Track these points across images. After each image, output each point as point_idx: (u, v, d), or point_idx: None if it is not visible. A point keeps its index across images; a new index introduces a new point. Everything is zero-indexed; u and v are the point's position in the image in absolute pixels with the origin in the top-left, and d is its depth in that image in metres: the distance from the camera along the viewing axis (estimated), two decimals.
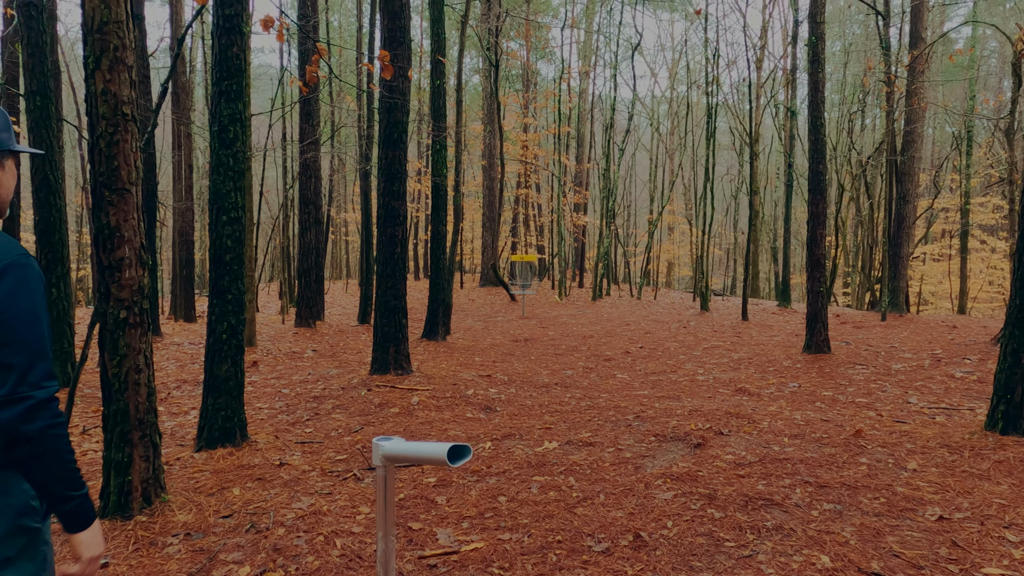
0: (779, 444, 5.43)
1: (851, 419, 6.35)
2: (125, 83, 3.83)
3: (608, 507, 4.27)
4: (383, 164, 7.97)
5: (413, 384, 7.90)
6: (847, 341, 11.79)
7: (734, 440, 5.57)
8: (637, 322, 16.66)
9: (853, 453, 5.16)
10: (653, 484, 4.61)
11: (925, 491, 4.37)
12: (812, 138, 10.16)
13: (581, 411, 6.83)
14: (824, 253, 10.17)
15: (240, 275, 5.43)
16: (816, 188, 10.13)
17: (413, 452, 2.07)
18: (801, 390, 7.93)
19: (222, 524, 4.19)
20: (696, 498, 4.34)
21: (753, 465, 4.91)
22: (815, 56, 10.01)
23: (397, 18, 7.78)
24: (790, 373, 9.07)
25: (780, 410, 6.74)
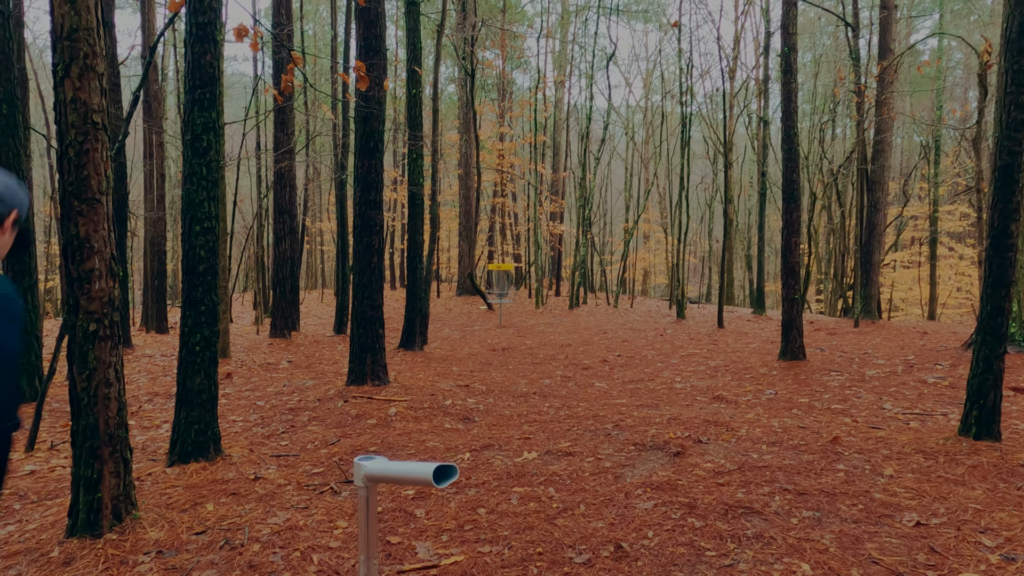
0: (757, 452, 5.45)
1: (828, 425, 6.39)
2: (95, 91, 3.75)
3: (589, 517, 4.24)
4: (359, 173, 7.91)
5: (391, 395, 7.83)
6: (822, 348, 11.91)
7: (713, 448, 5.58)
8: (614, 330, 16.70)
9: (830, 460, 5.19)
10: (633, 494, 4.59)
11: (902, 497, 4.40)
12: (785, 147, 10.28)
13: (560, 420, 6.80)
14: (798, 261, 10.28)
15: (214, 286, 5.35)
16: (790, 196, 10.24)
17: (397, 472, 2.01)
18: (778, 397, 7.98)
19: (195, 541, 4.10)
20: (676, 507, 4.33)
21: (732, 473, 4.92)
22: (787, 66, 10.13)
23: (373, 27, 7.75)
24: (766, 380, 9.13)
25: (758, 417, 6.77)
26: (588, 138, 28.08)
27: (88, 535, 4.04)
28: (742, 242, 36.69)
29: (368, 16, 7.73)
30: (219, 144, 5.20)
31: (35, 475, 5.64)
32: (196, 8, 5.13)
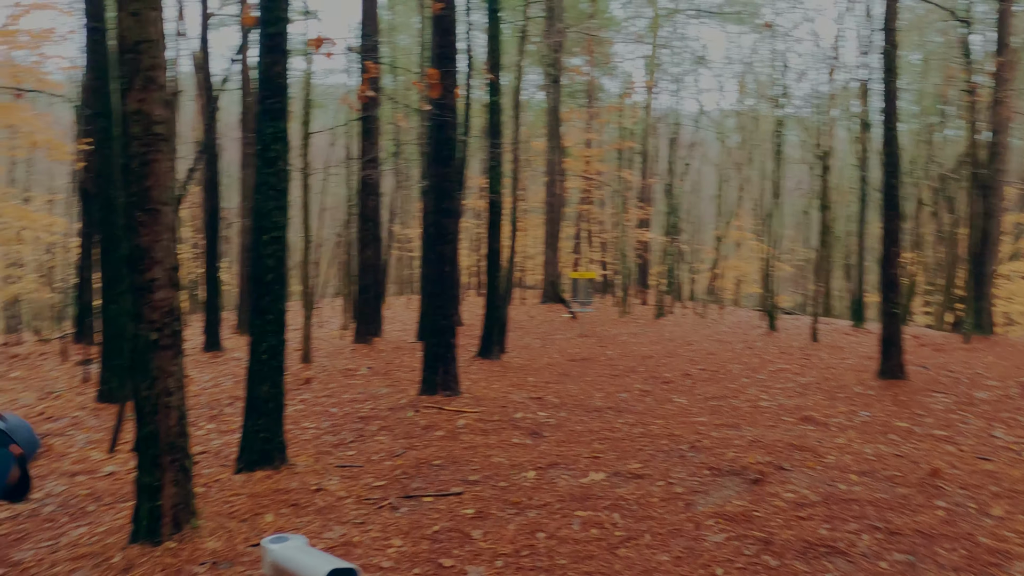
0: (846, 482, 5.01)
1: (928, 455, 5.84)
2: (157, 103, 3.79)
3: (653, 549, 3.97)
4: (433, 181, 7.87)
5: (461, 406, 7.72)
6: (925, 366, 11.07)
7: (796, 476, 5.17)
8: (700, 342, 16.12)
9: (929, 495, 4.71)
10: (704, 524, 4.28)
11: (1012, 543, 3.91)
12: (887, 151, 9.60)
13: (633, 439, 6.51)
14: (899, 272, 9.57)
15: (281, 295, 5.37)
16: (890, 204, 9.56)
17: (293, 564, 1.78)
18: (873, 420, 7.41)
19: (250, 553, 4.07)
20: (751, 542, 3.99)
21: (816, 506, 4.52)
22: (889, 66, 9.47)
23: (447, 35, 7.70)
24: (861, 400, 8.52)
25: (848, 442, 6.27)
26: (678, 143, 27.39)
27: (149, 542, 4.08)
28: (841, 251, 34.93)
29: (443, 24, 7.69)
30: (287, 154, 5.21)
31: (113, 477, 5.82)
32: (266, 20, 5.17)
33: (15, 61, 16.17)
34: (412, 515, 4.65)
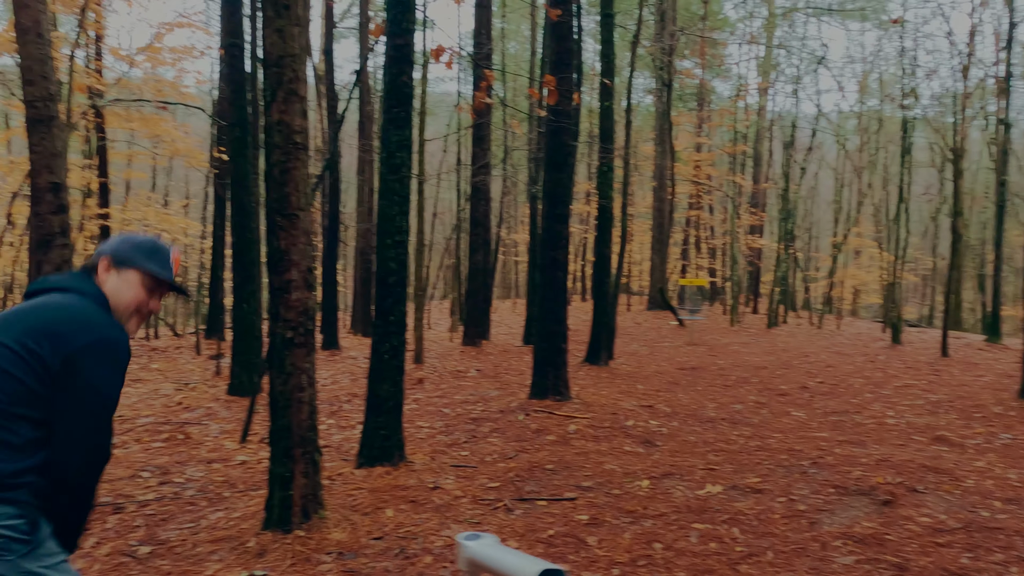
0: (989, 509, 4.67)
1: None
2: (297, 114, 4.00)
3: (777, 567, 3.83)
4: (547, 187, 7.92)
5: (571, 411, 7.72)
6: None
7: (931, 500, 4.87)
8: (817, 353, 15.45)
9: None
10: (831, 545, 4.09)
11: None
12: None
13: (749, 452, 6.31)
14: None
15: (402, 297, 5.54)
16: None
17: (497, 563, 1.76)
18: (1016, 443, 6.87)
19: (373, 546, 4.22)
20: (883, 567, 3.79)
21: (955, 532, 4.24)
22: None
23: (564, 41, 7.74)
24: (1001, 421, 7.92)
25: (989, 466, 5.84)
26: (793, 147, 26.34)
27: (280, 530, 4.30)
28: (973, 260, 32.63)
29: (560, 30, 7.73)
30: (411, 161, 5.38)
31: (245, 466, 6.17)
32: (393, 31, 5.37)
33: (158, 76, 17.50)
34: (527, 518, 4.69)
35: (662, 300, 24.35)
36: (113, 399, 1.82)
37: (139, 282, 1.95)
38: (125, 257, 1.95)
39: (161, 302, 2.07)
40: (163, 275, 1.98)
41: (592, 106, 30.16)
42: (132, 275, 1.94)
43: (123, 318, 1.93)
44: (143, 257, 1.96)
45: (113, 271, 1.94)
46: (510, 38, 32.99)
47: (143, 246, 2.00)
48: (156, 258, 1.98)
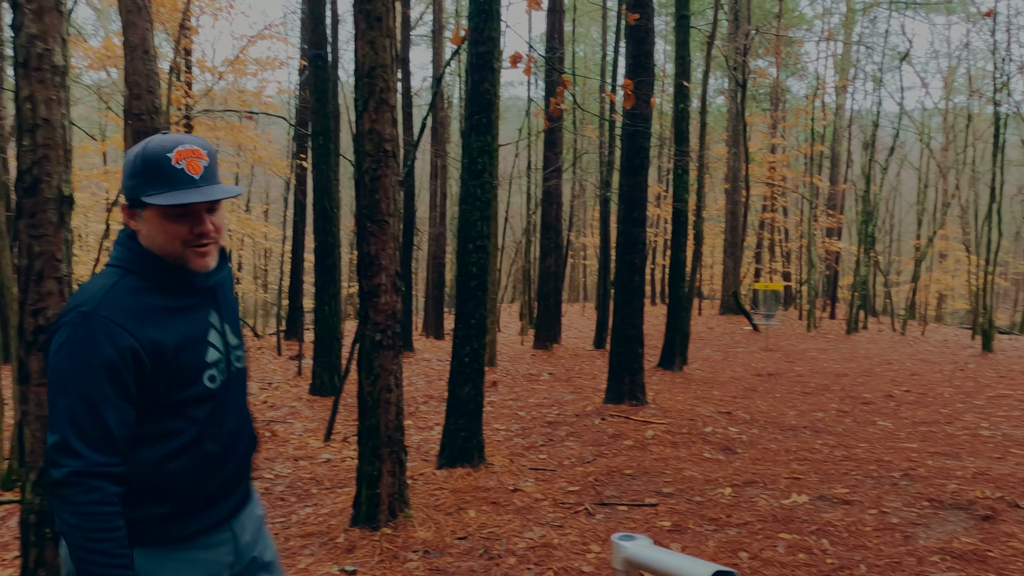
0: None
1: None
2: (388, 122, 4.12)
3: None
4: (623, 191, 7.90)
5: (647, 416, 7.67)
6: None
7: None
8: (901, 361, 14.86)
9: None
10: (927, 560, 3.95)
11: None
12: None
13: (835, 462, 6.14)
14: None
15: (483, 301, 5.62)
16: None
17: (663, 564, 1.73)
18: None
19: (457, 545, 4.29)
20: None
21: None
22: None
23: (642, 44, 7.70)
24: None
25: None
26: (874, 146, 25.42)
27: (367, 527, 4.43)
28: None
29: (637, 34, 7.70)
30: (494, 166, 5.45)
31: (329, 463, 6.36)
32: (476, 39, 5.45)
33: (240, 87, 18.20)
34: (608, 522, 4.69)
35: (736, 304, 23.86)
36: (61, 385, 1.40)
37: (158, 218, 1.50)
38: (130, 196, 1.52)
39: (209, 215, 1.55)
40: (171, 202, 1.47)
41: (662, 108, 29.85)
42: (148, 214, 1.51)
43: (181, 260, 1.53)
44: (142, 186, 1.49)
45: (135, 219, 1.55)
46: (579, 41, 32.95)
47: (136, 170, 1.51)
48: (154, 176, 1.48)
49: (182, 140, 1.52)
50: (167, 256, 1.54)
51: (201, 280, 1.60)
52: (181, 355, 1.54)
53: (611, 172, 15.89)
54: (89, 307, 1.43)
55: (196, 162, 1.50)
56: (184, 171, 1.48)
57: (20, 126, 2.77)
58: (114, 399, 1.42)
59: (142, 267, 1.54)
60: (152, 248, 1.53)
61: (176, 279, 1.57)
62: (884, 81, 39.02)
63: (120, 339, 1.42)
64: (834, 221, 31.95)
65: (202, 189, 1.50)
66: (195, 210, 1.52)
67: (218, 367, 1.63)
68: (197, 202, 1.49)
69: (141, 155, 1.50)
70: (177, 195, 1.47)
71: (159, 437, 1.53)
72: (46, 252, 2.79)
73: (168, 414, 1.54)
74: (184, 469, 1.56)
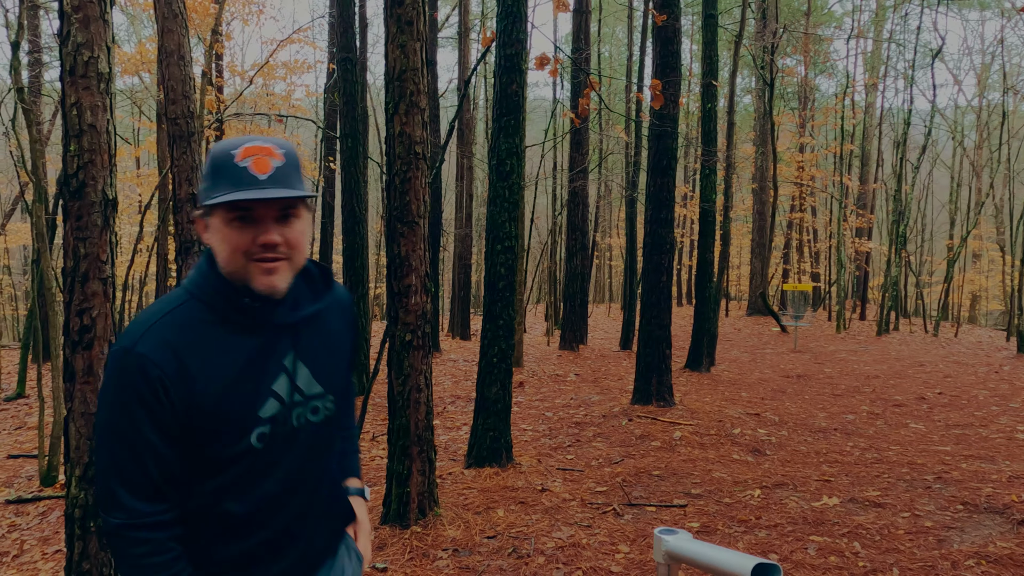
0: None
1: None
2: (418, 125, 4.17)
3: None
4: (651, 191, 7.88)
5: (675, 417, 7.65)
6: None
7: None
8: (933, 363, 14.64)
9: None
10: (962, 564, 3.91)
11: None
12: None
13: (866, 464, 6.08)
14: None
15: (511, 302, 5.65)
16: None
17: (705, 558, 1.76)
18: None
19: (486, 544, 4.33)
20: None
21: None
22: None
23: (669, 44, 7.69)
24: None
25: None
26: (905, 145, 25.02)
27: (397, 525, 4.48)
28: None
29: (664, 34, 7.69)
30: (521, 167, 5.49)
31: (361, 463, 6.43)
32: (505, 42, 5.49)
33: (270, 90, 18.45)
34: (636, 523, 4.69)
35: (764, 305, 23.66)
36: (103, 428, 1.32)
37: (221, 225, 1.32)
38: (201, 201, 1.35)
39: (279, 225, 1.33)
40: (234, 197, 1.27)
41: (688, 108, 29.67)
42: (214, 222, 1.33)
43: (245, 279, 1.33)
44: (208, 189, 1.32)
45: (208, 229, 1.36)
46: (605, 41, 32.87)
47: (205, 172, 1.35)
48: (219, 177, 1.31)
49: (253, 139, 1.34)
50: (234, 276, 1.33)
51: (281, 314, 1.39)
52: (224, 404, 1.32)
53: (637, 172, 15.85)
54: (129, 342, 1.29)
55: (265, 160, 1.31)
56: (248, 169, 1.29)
57: (67, 131, 2.86)
58: (155, 441, 1.29)
59: (208, 293, 1.35)
60: (223, 267, 1.34)
61: (244, 311, 1.35)
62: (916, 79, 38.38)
63: (151, 371, 1.27)
64: (864, 221, 31.54)
65: (265, 189, 1.29)
66: (259, 215, 1.31)
67: (275, 422, 1.38)
68: (249, 200, 1.27)
69: (210, 156, 1.34)
70: (234, 194, 1.28)
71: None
72: (91, 253, 2.88)
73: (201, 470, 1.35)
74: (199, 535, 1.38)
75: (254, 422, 1.35)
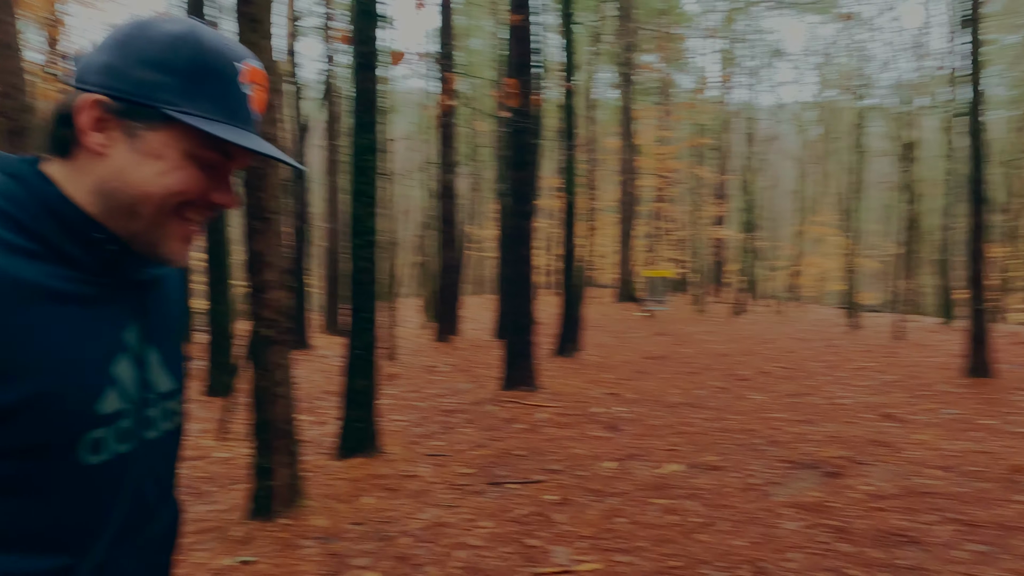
0: (924, 476, 5.05)
1: (1013, 452, 5.79)
2: (268, 121, 4.21)
3: (729, 535, 4.15)
4: (511, 185, 8.19)
5: (540, 400, 8.01)
6: (1018, 364, 10.72)
7: (873, 470, 5.24)
8: (778, 340, 15.96)
9: (1010, 490, 4.71)
10: (780, 513, 4.43)
11: None
12: (972, 143, 9.38)
13: (709, 433, 6.66)
14: (986, 268, 9.33)
15: (373, 295, 5.77)
16: (976, 197, 9.33)
17: None
18: (957, 417, 7.31)
19: (353, 530, 4.46)
20: (825, 530, 4.13)
21: (892, 498, 4.61)
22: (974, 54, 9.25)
23: (524, 44, 7.99)
24: (946, 398, 8.38)
25: (930, 439, 6.25)
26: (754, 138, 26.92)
27: (264, 519, 4.52)
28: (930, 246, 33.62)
29: (521, 34, 7.98)
30: (377, 163, 5.60)
31: (225, 462, 6.35)
32: (360, 39, 5.58)
33: None
34: (499, 500, 4.96)
35: (629, 292, 24.77)
36: None
37: (174, 152, 0.83)
38: (137, 95, 0.81)
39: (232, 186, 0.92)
40: (234, 137, 0.84)
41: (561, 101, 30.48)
42: (154, 138, 0.82)
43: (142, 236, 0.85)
44: (175, 92, 0.82)
45: (117, 130, 0.82)
46: (475, 35, 33.09)
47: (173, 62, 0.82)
48: (205, 85, 0.83)
49: (250, 55, 0.90)
50: (116, 221, 0.84)
51: (132, 267, 0.89)
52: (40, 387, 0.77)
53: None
54: None
55: (263, 96, 0.91)
56: (248, 100, 0.88)
57: None
58: None
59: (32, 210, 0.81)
60: (105, 201, 0.83)
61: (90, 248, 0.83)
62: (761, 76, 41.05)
63: None
64: (720, 210, 33.58)
65: (257, 138, 0.88)
66: (227, 168, 0.89)
67: (117, 427, 0.85)
68: (250, 148, 0.85)
69: (193, 45, 0.83)
70: (243, 135, 0.85)
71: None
72: None
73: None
74: None
75: (87, 422, 0.82)
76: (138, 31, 0.84)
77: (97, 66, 0.83)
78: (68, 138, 0.83)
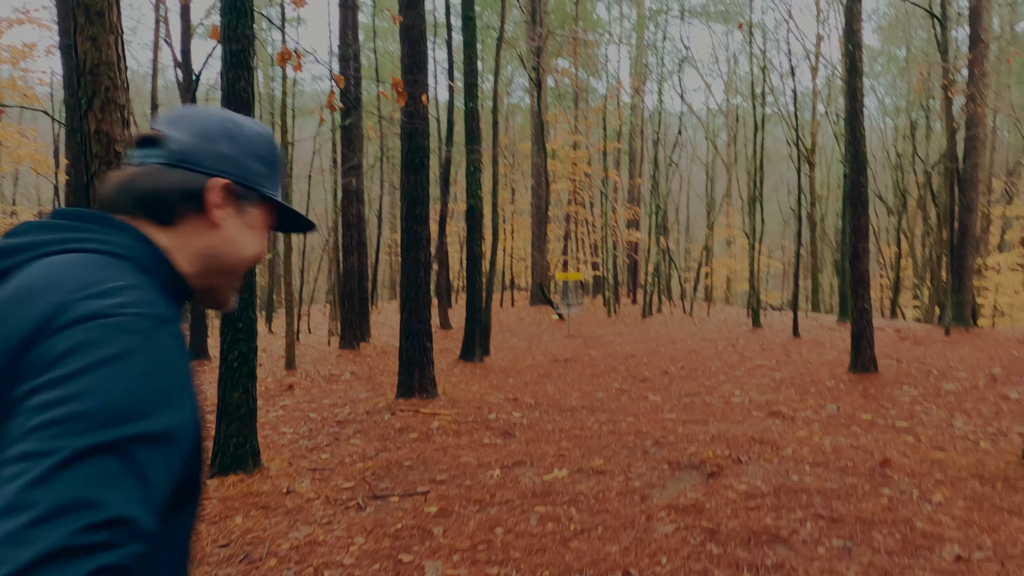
0: (799, 473, 5.18)
1: (884, 445, 6.02)
2: (117, 122, 3.94)
3: (604, 541, 4.12)
4: (405, 189, 8.03)
5: (437, 408, 7.88)
6: (898, 359, 11.26)
7: (752, 469, 5.34)
8: (684, 340, 16.31)
9: (877, 484, 4.88)
10: (656, 516, 4.44)
11: (946, 527, 4.08)
12: (852, 150, 9.80)
13: (601, 436, 6.67)
14: (867, 268, 9.76)
15: (250, 303, 5.52)
16: (857, 201, 9.75)
17: None
18: (839, 413, 7.58)
19: (217, 554, 4.21)
20: (697, 532, 4.15)
21: (766, 496, 4.69)
22: (852, 65, 9.66)
23: (416, 44, 7.85)
24: (831, 394, 8.69)
25: (810, 435, 6.44)
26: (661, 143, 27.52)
27: None
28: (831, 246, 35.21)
29: (412, 34, 7.84)
30: None
31: None
32: (230, 37, 5.33)
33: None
34: (377, 514, 4.80)
35: (542, 295, 24.92)
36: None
37: (259, 225, 1.05)
38: (248, 181, 1.03)
39: None
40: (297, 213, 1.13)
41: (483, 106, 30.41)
42: (254, 214, 1.04)
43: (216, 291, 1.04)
44: (264, 178, 1.05)
45: (226, 208, 1.00)
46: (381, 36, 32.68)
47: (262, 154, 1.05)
48: (274, 169, 1.08)
49: None
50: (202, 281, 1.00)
51: None
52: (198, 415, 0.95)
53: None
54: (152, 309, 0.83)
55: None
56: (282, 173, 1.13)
57: None
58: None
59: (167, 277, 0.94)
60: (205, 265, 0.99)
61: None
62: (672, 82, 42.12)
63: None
64: (633, 213, 34.23)
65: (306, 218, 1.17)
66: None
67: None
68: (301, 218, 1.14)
69: (272, 143, 1.07)
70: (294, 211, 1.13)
71: None
72: None
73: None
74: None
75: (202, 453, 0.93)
76: (236, 128, 1.04)
77: (215, 155, 1.00)
78: (181, 210, 0.97)
